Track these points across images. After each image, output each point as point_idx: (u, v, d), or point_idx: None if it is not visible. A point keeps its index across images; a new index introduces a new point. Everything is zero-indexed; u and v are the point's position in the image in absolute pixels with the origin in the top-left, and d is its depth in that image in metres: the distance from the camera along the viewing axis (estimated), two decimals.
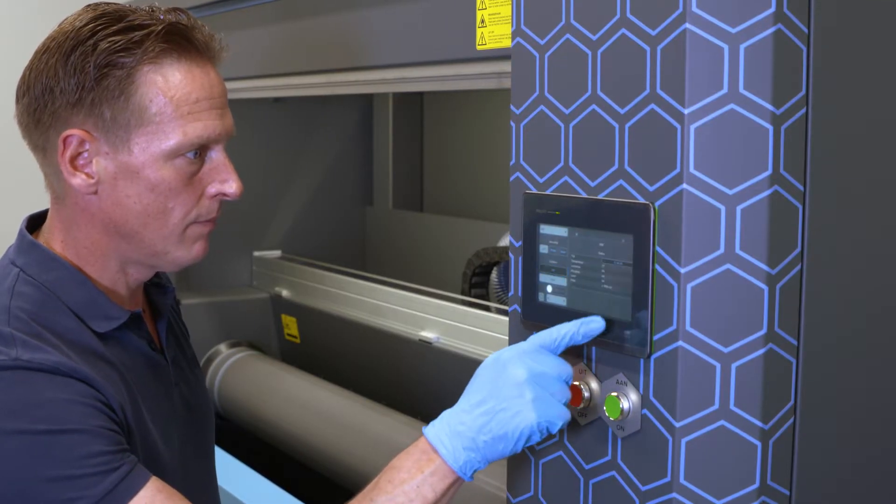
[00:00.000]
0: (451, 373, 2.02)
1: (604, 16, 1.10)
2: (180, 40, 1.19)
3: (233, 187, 1.24)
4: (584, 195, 1.13)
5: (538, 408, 1.11)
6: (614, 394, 1.10)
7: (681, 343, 1.04)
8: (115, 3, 1.23)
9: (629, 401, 1.09)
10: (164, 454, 1.25)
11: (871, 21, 1.08)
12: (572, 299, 1.14)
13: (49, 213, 1.27)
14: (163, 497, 1.12)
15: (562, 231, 1.15)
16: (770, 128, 1.02)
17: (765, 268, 1.03)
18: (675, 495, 1.06)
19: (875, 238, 1.11)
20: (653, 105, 1.05)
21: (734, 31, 1.01)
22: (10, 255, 1.25)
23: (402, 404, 2.20)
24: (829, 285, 1.07)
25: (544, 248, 1.17)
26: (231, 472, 2.09)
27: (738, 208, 1.02)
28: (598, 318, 1.11)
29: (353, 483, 2.00)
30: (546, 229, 1.17)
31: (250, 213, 2.72)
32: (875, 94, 1.09)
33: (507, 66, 1.32)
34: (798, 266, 1.05)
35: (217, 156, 1.23)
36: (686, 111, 1.02)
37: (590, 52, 1.12)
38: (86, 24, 1.17)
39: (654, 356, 1.07)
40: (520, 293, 1.21)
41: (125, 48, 1.16)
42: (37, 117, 1.20)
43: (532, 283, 1.19)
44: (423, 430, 1.15)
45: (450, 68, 1.62)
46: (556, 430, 1.12)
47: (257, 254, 2.81)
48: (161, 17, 1.20)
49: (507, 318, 1.27)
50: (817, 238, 1.05)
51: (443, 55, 1.61)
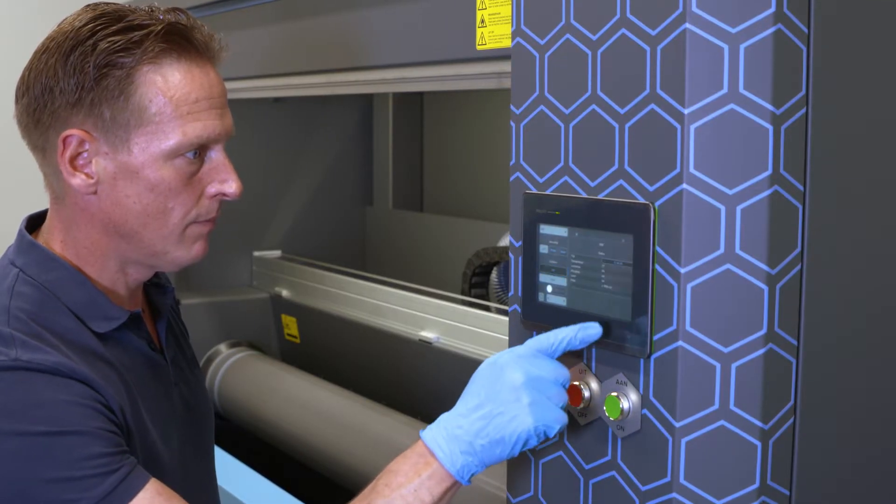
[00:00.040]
0: (451, 373, 2.02)
1: (604, 16, 1.10)
2: (180, 40, 1.19)
3: (232, 187, 1.24)
4: (584, 195, 1.13)
5: (535, 412, 1.10)
6: (614, 394, 1.10)
7: (681, 343, 1.04)
8: (114, 3, 1.23)
9: (629, 401, 1.09)
10: (163, 454, 1.25)
11: (871, 21, 1.08)
12: (572, 299, 1.14)
13: (48, 213, 1.27)
14: (162, 499, 1.11)
15: (562, 231, 1.15)
16: (770, 128, 1.02)
17: (765, 268, 1.03)
18: (675, 495, 1.06)
19: (875, 238, 1.11)
20: (653, 105, 1.05)
21: (734, 31, 1.01)
22: (9, 256, 1.25)
23: (402, 404, 2.20)
24: (829, 285, 1.07)
25: (544, 248, 1.17)
26: (231, 472, 2.09)
27: (738, 208, 1.02)
28: (595, 325, 1.11)
29: (353, 483, 2.00)
30: (546, 229, 1.17)
31: (250, 213, 2.72)
32: (875, 94, 1.09)
33: (507, 66, 1.31)
34: (798, 266, 1.05)
35: (217, 156, 1.23)
36: (686, 111, 1.02)
37: (590, 52, 1.12)
38: (85, 24, 1.17)
39: (654, 356, 1.07)
40: (520, 293, 1.21)
41: (125, 48, 1.16)
42: (36, 117, 1.19)
43: (532, 283, 1.19)
44: (421, 433, 1.15)
45: (450, 68, 1.62)
46: (553, 434, 1.12)
47: (257, 254, 2.81)
48: (160, 17, 1.20)
49: (507, 318, 1.27)
50: (817, 238, 1.05)
51: (443, 55, 1.60)
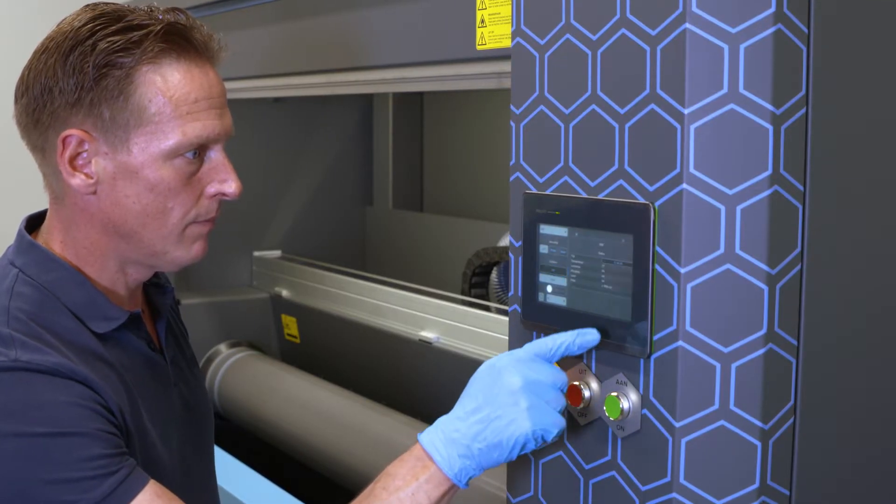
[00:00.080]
0: (451, 373, 2.02)
1: (604, 16, 1.10)
2: (179, 40, 1.19)
3: (232, 187, 1.24)
4: (584, 195, 1.13)
5: (533, 416, 1.10)
6: (614, 394, 1.10)
7: (681, 343, 1.04)
8: (113, 3, 1.23)
9: (629, 401, 1.09)
10: (163, 455, 1.25)
11: (871, 21, 1.08)
12: (572, 299, 1.14)
13: (48, 213, 1.27)
14: (161, 501, 1.11)
15: (562, 231, 1.15)
16: (770, 128, 1.02)
17: (765, 268, 1.03)
18: (675, 495, 1.06)
19: (875, 238, 1.11)
20: (653, 105, 1.05)
21: (734, 31, 1.01)
22: (9, 256, 1.25)
23: (402, 404, 2.20)
24: (829, 285, 1.07)
25: (544, 248, 1.17)
26: (231, 472, 2.09)
27: (738, 208, 1.02)
28: (593, 331, 1.11)
29: (353, 483, 2.00)
30: (546, 229, 1.17)
31: (250, 213, 2.72)
32: (875, 94, 1.09)
33: (507, 66, 1.31)
34: (798, 266, 1.05)
35: (216, 156, 1.23)
36: (686, 111, 1.02)
37: (590, 52, 1.12)
38: (84, 24, 1.17)
39: (654, 356, 1.07)
40: (520, 293, 1.21)
41: (124, 48, 1.16)
42: (35, 117, 1.19)
43: (532, 283, 1.19)
44: (419, 436, 1.15)
45: (450, 68, 1.62)
46: (550, 439, 1.12)
47: (257, 254, 2.81)
48: (160, 17, 1.20)
49: (507, 318, 1.27)
50: (817, 238, 1.05)
51: (443, 55, 1.60)
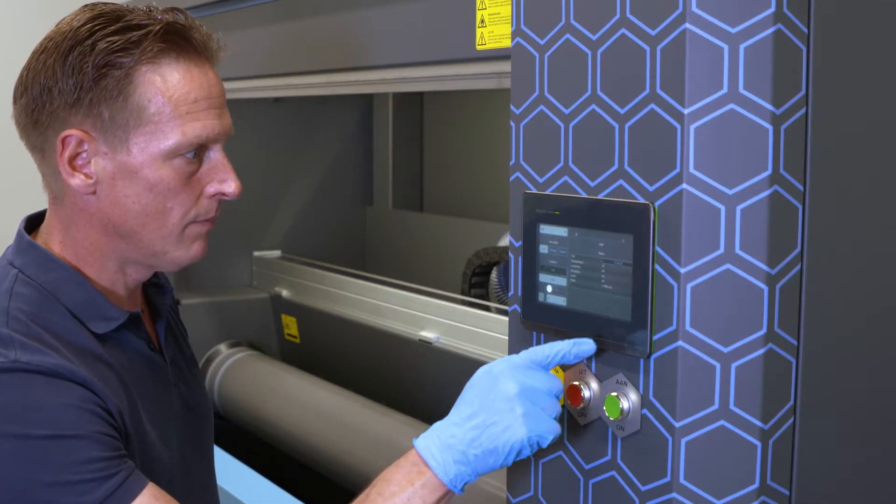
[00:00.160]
0: (451, 373, 2.02)
1: (604, 16, 1.10)
2: (178, 40, 1.19)
3: (231, 187, 1.24)
4: (584, 195, 1.13)
5: (528, 422, 1.11)
6: (614, 394, 1.10)
7: (681, 343, 1.04)
8: (112, 3, 1.23)
9: (629, 401, 1.09)
10: (162, 455, 1.25)
11: (871, 21, 1.08)
12: (572, 299, 1.14)
13: (47, 213, 1.27)
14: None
15: (562, 231, 1.15)
16: (770, 128, 1.02)
17: (765, 268, 1.03)
18: (674, 495, 1.06)
19: (875, 238, 1.11)
20: (653, 105, 1.05)
21: (734, 31, 1.01)
22: (8, 256, 1.25)
23: (402, 404, 2.20)
24: (829, 285, 1.07)
25: (544, 248, 1.17)
26: (231, 472, 2.09)
27: (738, 208, 1.02)
28: (589, 341, 1.12)
29: (353, 483, 2.00)
30: (546, 229, 1.17)
31: (250, 213, 2.72)
32: (875, 94, 1.09)
33: (507, 66, 1.31)
34: (798, 266, 1.04)
35: (216, 155, 1.23)
36: (686, 111, 1.02)
37: (590, 52, 1.11)
38: (84, 24, 1.17)
39: (653, 356, 1.06)
40: (520, 293, 1.21)
41: (123, 48, 1.16)
42: (35, 118, 1.19)
43: (532, 283, 1.19)
44: (414, 442, 1.15)
45: (450, 68, 1.62)
46: (546, 445, 1.12)
47: (257, 254, 2.81)
48: (159, 16, 1.20)
49: (507, 318, 1.27)
50: (817, 238, 1.05)
51: (443, 55, 1.60)
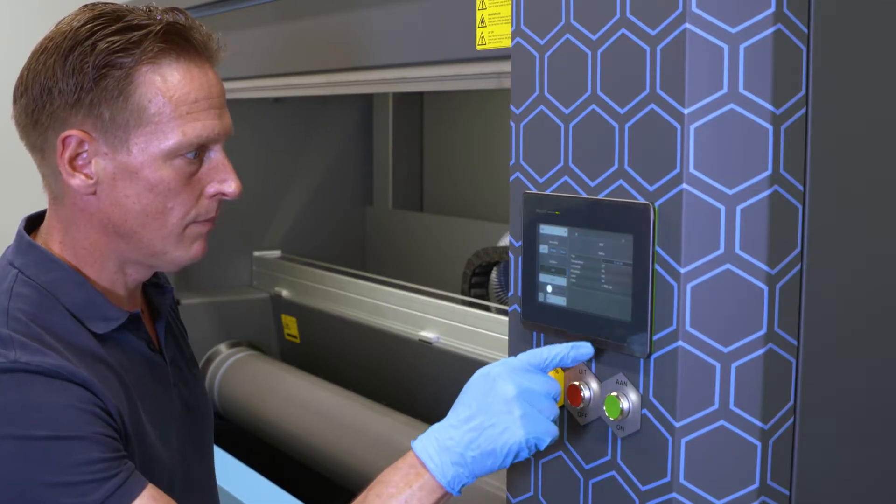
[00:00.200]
0: (451, 373, 2.02)
1: (604, 16, 1.10)
2: (178, 40, 1.19)
3: (232, 187, 1.24)
4: (584, 195, 1.13)
5: (526, 424, 1.11)
6: (614, 394, 1.10)
7: (681, 343, 1.04)
8: (112, 3, 1.23)
9: (629, 401, 1.09)
10: (162, 455, 1.25)
11: (871, 21, 1.08)
12: (572, 299, 1.14)
13: (47, 213, 1.27)
14: None
15: (562, 231, 1.15)
16: (770, 128, 1.02)
17: (765, 268, 1.03)
18: (674, 495, 1.06)
19: (875, 238, 1.11)
20: (653, 105, 1.05)
21: (734, 31, 1.01)
22: (8, 256, 1.25)
23: (402, 404, 2.20)
24: (829, 285, 1.07)
25: (544, 248, 1.17)
26: (231, 472, 2.09)
27: (738, 208, 1.02)
28: (587, 345, 1.13)
29: (353, 483, 2.00)
30: (546, 229, 1.17)
31: (250, 213, 2.72)
32: (875, 94, 1.09)
33: (507, 66, 1.31)
34: (798, 266, 1.04)
35: (216, 156, 1.23)
36: (686, 111, 1.02)
37: (590, 52, 1.11)
38: (84, 25, 1.17)
39: (653, 356, 1.07)
40: (520, 293, 1.21)
41: (124, 48, 1.16)
42: (35, 118, 1.19)
43: (532, 283, 1.19)
44: (412, 444, 1.15)
45: (450, 68, 1.62)
46: (543, 447, 1.13)
47: (257, 254, 2.81)
48: (159, 17, 1.19)
49: (507, 318, 1.27)
50: (817, 238, 1.05)
51: (443, 55, 1.60)
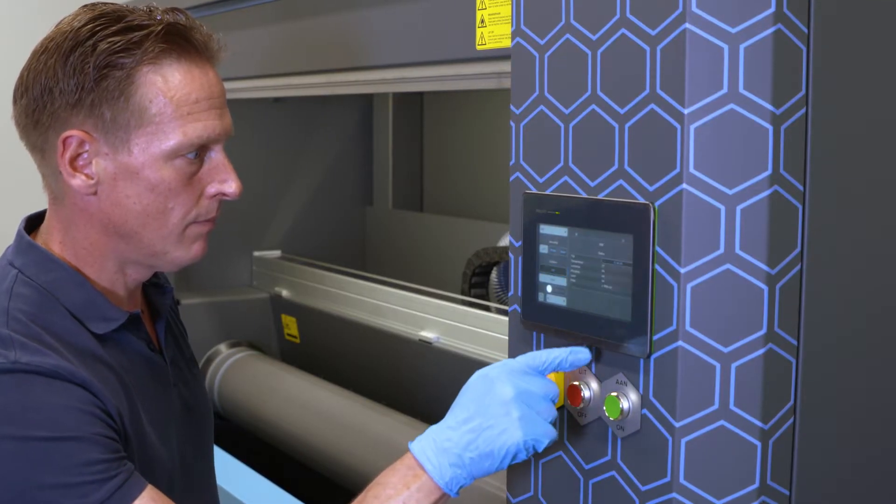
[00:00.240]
0: (451, 373, 2.02)
1: (604, 16, 1.10)
2: (179, 40, 1.19)
3: (232, 187, 1.24)
4: (584, 195, 1.13)
5: (524, 426, 1.11)
6: (614, 394, 1.10)
7: (681, 343, 1.04)
8: (112, 4, 1.22)
9: (629, 401, 1.09)
10: (162, 455, 1.25)
11: (871, 21, 1.08)
12: (572, 299, 1.14)
13: (47, 213, 1.27)
14: None
15: (562, 231, 1.15)
16: (770, 128, 1.02)
17: (765, 268, 1.03)
18: (674, 495, 1.06)
19: (875, 238, 1.11)
20: (653, 105, 1.05)
21: (734, 31, 1.01)
22: (8, 256, 1.25)
23: (402, 404, 2.20)
24: (829, 285, 1.07)
25: (544, 248, 1.17)
26: (231, 472, 2.09)
27: (738, 208, 1.02)
28: (585, 350, 1.14)
29: (353, 483, 2.00)
30: (546, 229, 1.17)
31: (250, 213, 2.72)
32: (875, 94, 1.09)
33: (507, 66, 1.31)
34: (798, 266, 1.05)
35: (216, 156, 1.23)
36: (686, 111, 1.02)
37: (590, 52, 1.12)
38: (84, 25, 1.17)
39: (653, 356, 1.07)
40: (520, 293, 1.21)
41: (125, 49, 1.16)
42: (35, 118, 1.19)
43: (532, 283, 1.19)
44: (410, 445, 1.15)
45: (450, 68, 1.62)
46: (542, 449, 1.13)
47: (257, 254, 2.81)
48: (159, 17, 1.19)
49: (507, 318, 1.27)
50: (817, 238, 1.05)
51: (443, 55, 1.60)
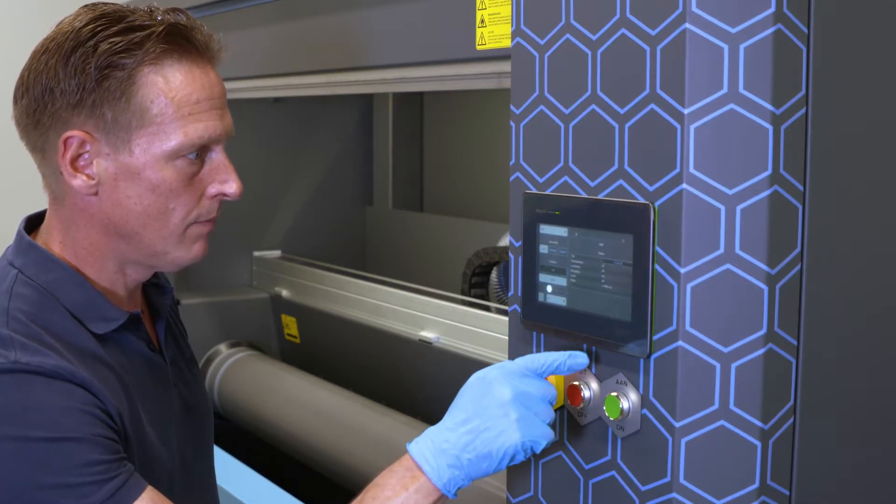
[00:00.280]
0: (451, 373, 2.02)
1: (604, 16, 1.10)
2: (180, 41, 1.19)
3: (233, 187, 1.24)
4: (584, 195, 1.13)
5: (522, 427, 1.11)
6: (614, 394, 1.10)
7: (681, 343, 1.04)
8: (113, 4, 1.22)
9: (629, 401, 1.09)
10: (162, 455, 1.25)
11: (871, 21, 1.08)
12: (572, 299, 1.14)
13: (47, 213, 1.27)
14: None
15: (562, 231, 1.15)
16: (770, 128, 1.02)
17: (765, 268, 1.03)
18: (674, 495, 1.06)
19: (875, 238, 1.11)
20: (653, 105, 1.05)
21: (734, 31, 1.01)
22: (8, 257, 1.25)
23: (402, 404, 2.20)
24: (829, 285, 1.07)
25: (544, 248, 1.17)
26: (231, 472, 2.09)
27: (738, 208, 1.02)
28: (583, 355, 1.14)
29: (353, 483, 2.00)
30: (546, 229, 1.17)
31: (250, 213, 2.72)
32: (875, 94, 1.09)
33: (507, 66, 1.31)
34: (798, 266, 1.05)
35: (217, 156, 1.23)
36: (686, 111, 1.02)
37: (590, 52, 1.12)
38: (86, 25, 1.17)
39: (653, 356, 1.07)
40: (519, 293, 1.21)
41: (126, 49, 1.16)
42: (36, 118, 1.19)
43: (532, 283, 1.19)
44: (408, 446, 1.15)
45: (450, 68, 1.62)
46: (539, 450, 1.13)
47: (257, 254, 2.81)
48: (160, 17, 1.19)
49: (507, 318, 1.27)
50: (817, 238, 1.05)
51: (443, 55, 1.60)
